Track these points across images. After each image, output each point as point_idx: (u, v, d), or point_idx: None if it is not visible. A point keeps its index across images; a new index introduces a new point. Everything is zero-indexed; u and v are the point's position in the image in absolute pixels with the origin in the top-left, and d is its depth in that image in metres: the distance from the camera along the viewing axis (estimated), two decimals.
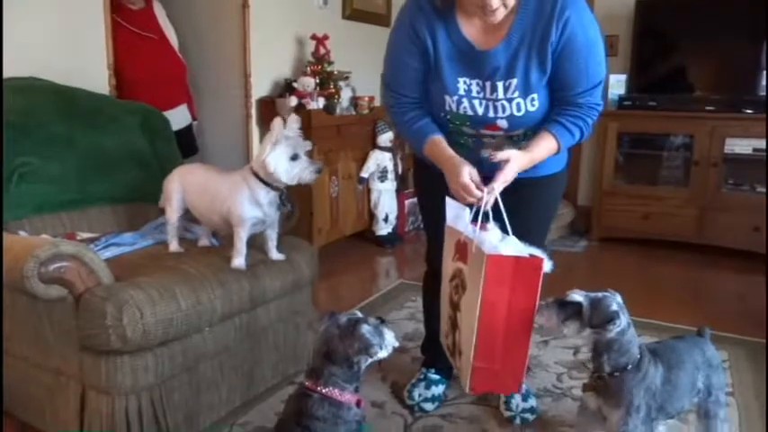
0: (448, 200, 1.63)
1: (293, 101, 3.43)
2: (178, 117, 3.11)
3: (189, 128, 3.30)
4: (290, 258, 2.12)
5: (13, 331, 1.78)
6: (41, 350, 1.74)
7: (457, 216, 1.62)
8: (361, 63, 4.12)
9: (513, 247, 1.45)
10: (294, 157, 1.87)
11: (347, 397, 1.32)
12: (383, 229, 4.15)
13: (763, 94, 3.77)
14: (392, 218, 4.19)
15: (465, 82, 1.62)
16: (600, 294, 1.44)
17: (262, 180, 1.89)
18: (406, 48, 1.65)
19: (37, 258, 1.51)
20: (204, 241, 2.15)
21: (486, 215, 1.52)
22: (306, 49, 3.77)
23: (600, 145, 4.18)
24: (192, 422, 1.80)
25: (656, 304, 2.98)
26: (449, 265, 1.65)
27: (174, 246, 2.06)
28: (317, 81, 3.54)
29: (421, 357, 2.19)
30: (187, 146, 3.12)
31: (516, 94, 1.59)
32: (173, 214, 2.04)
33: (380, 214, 4.12)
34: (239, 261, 1.94)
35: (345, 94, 3.82)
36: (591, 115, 1.61)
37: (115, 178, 2.25)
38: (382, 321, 1.42)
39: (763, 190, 3.79)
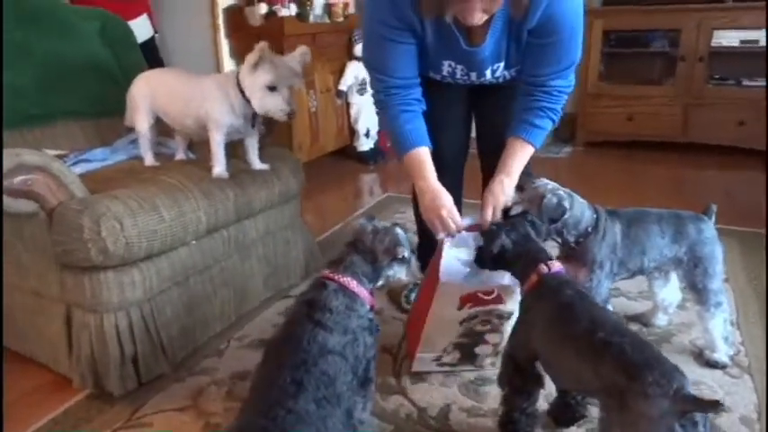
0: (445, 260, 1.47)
1: (263, 8, 3.21)
2: (139, 29, 2.86)
3: (151, 41, 3.06)
4: (275, 168, 2.01)
5: None
6: (16, 272, 1.63)
7: (456, 272, 1.47)
8: None
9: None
10: (272, 88, 1.72)
11: (361, 290, 1.26)
12: (365, 145, 4.02)
13: None
14: (373, 132, 4.05)
15: (450, 65, 1.56)
16: (539, 191, 1.48)
17: (242, 92, 1.76)
18: (390, 23, 1.45)
19: None
20: (181, 155, 2.02)
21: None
22: None
23: (584, 45, 4.03)
24: (186, 337, 1.73)
25: (642, 204, 2.95)
26: (451, 313, 1.48)
27: (149, 159, 1.92)
28: None
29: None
30: (150, 61, 2.89)
31: (501, 71, 1.57)
32: (143, 123, 1.89)
33: (361, 129, 3.97)
34: (220, 169, 1.82)
35: (318, 0, 3.59)
36: (560, 101, 1.55)
37: (78, 90, 2.07)
38: (414, 251, 1.41)
39: (749, 84, 3.74)
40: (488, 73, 1.57)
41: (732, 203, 3.05)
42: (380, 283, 1.33)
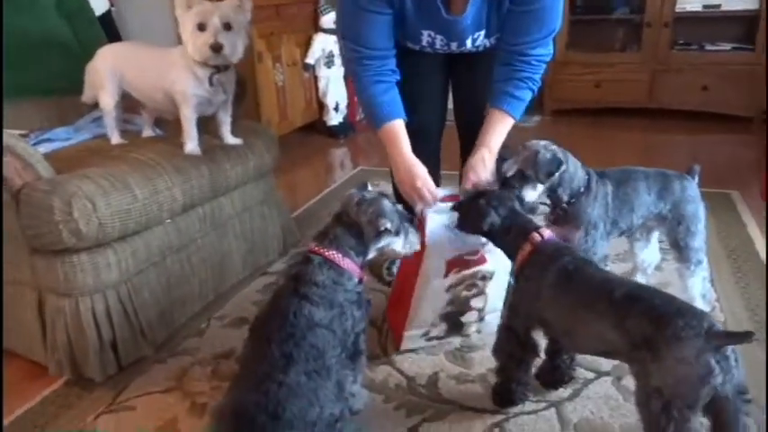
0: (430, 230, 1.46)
1: None
2: (95, 1, 2.73)
3: (108, 14, 2.93)
4: (249, 143, 1.96)
5: None
6: None
7: (441, 235, 1.47)
8: None
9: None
10: (201, 27, 1.62)
11: (348, 263, 1.23)
12: (334, 119, 3.96)
13: None
14: (342, 106, 3.99)
15: (430, 35, 1.52)
16: (532, 149, 1.46)
17: None
18: None
19: None
20: (148, 132, 1.94)
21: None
22: None
23: None
24: (166, 318, 1.69)
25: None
26: (439, 283, 1.49)
27: (116, 138, 1.84)
28: None
29: None
30: (108, 35, 2.76)
31: (481, 39, 1.54)
32: (109, 100, 1.80)
33: (330, 103, 3.91)
34: (192, 145, 1.76)
35: None
36: (539, 70, 1.52)
37: (37, 67, 1.98)
38: (412, 222, 1.36)
39: (711, 48, 3.80)
40: (469, 42, 1.54)
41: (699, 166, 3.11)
42: (372, 255, 1.30)
